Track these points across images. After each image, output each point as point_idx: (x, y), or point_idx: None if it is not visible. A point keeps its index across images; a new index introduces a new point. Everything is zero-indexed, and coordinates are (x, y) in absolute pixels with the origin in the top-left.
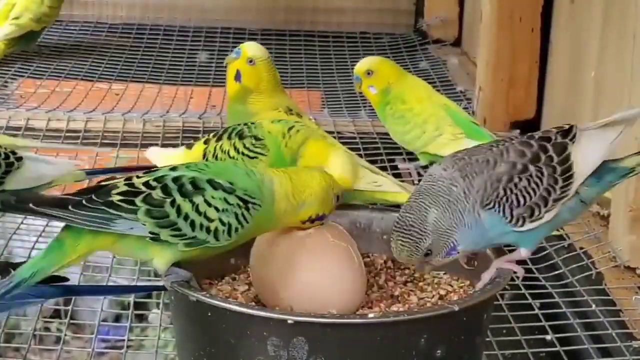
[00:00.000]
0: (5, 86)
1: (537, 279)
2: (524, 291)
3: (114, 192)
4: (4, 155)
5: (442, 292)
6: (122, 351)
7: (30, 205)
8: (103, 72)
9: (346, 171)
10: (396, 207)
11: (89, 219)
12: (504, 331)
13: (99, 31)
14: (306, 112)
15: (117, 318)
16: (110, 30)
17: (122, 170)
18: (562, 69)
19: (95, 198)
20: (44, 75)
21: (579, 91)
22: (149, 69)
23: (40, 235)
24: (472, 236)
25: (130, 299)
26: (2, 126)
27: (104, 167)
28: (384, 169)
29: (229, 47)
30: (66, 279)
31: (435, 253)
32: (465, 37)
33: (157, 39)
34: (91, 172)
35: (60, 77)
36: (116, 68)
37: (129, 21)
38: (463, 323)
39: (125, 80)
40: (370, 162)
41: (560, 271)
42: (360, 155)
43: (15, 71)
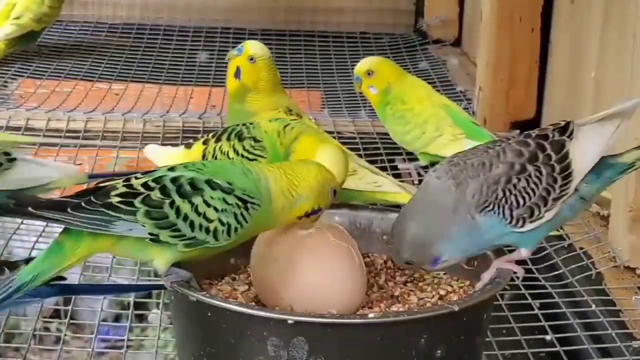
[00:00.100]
0: (5, 86)
1: (537, 279)
2: (523, 291)
3: (113, 193)
4: None
5: (442, 292)
6: (122, 351)
7: (29, 209)
8: (103, 72)
9: (334, 167)
10: (396, 207)
11: (88, 221)
12: (504, 331)
13: (99, 31)
14: (306, 113)
15: (117, 318)
16: (110, 30)
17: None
18: (562, 69)
19: (94, 200)
20: (44, 75)
21: (579, 91)
22: (149, 69)
23: (40, 236)
24: (462, 244)
25: (130, 299)
26: (2, 126)
27: (108, 172)
28: (384, 169)
29: (229, 47)
30: (63, 278)
31: (418, 263)
32: (465, 37)
33: (157, 39)
34: (93, 176)
35: (60, 77)
36: (116, 68)
37: (129, 21)
38: (463, 323)
39: (125, 80)
40: (370, 162)
41: (560, 271)
42: (360, 155)
43: (15, 71)
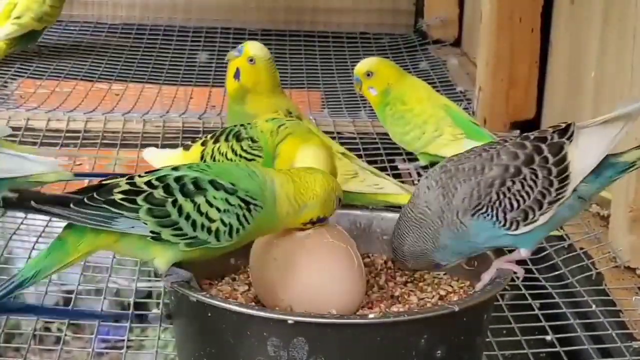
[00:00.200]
0: (5, 86)
1: (537, 280)
2: (524, 291)
3: (116, 190)
4: None
5: (442, 293)
6: (122, 351)
7: (32, 203)
8: (103, 72)
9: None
10: (398, 208)
11: (91, 217)
12: (504, 331)
13: (99, 31)
14: (306, 115)
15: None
16: (110, 30)
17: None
18: (562, 69)
19: (97, 196)
20: (43, 75)
21: (579, 91)
22: (148, 69)
23: (40, 236)
24: (455, 249)
25: (130, 299)
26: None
27: (96, 173)
28: (384, 169)
29: (228, 47)
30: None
31: (423, 269)
32: (465, 38)
33: (157, 39)
34: (80, 175)
35: (60, 77)
36: (116, 68)
37: (129, 21)
38: (463, 323)
39: (125, 81)
40: (370, 162)
41: (561, 271)
42: (360, 155)
43: (15, 71)
